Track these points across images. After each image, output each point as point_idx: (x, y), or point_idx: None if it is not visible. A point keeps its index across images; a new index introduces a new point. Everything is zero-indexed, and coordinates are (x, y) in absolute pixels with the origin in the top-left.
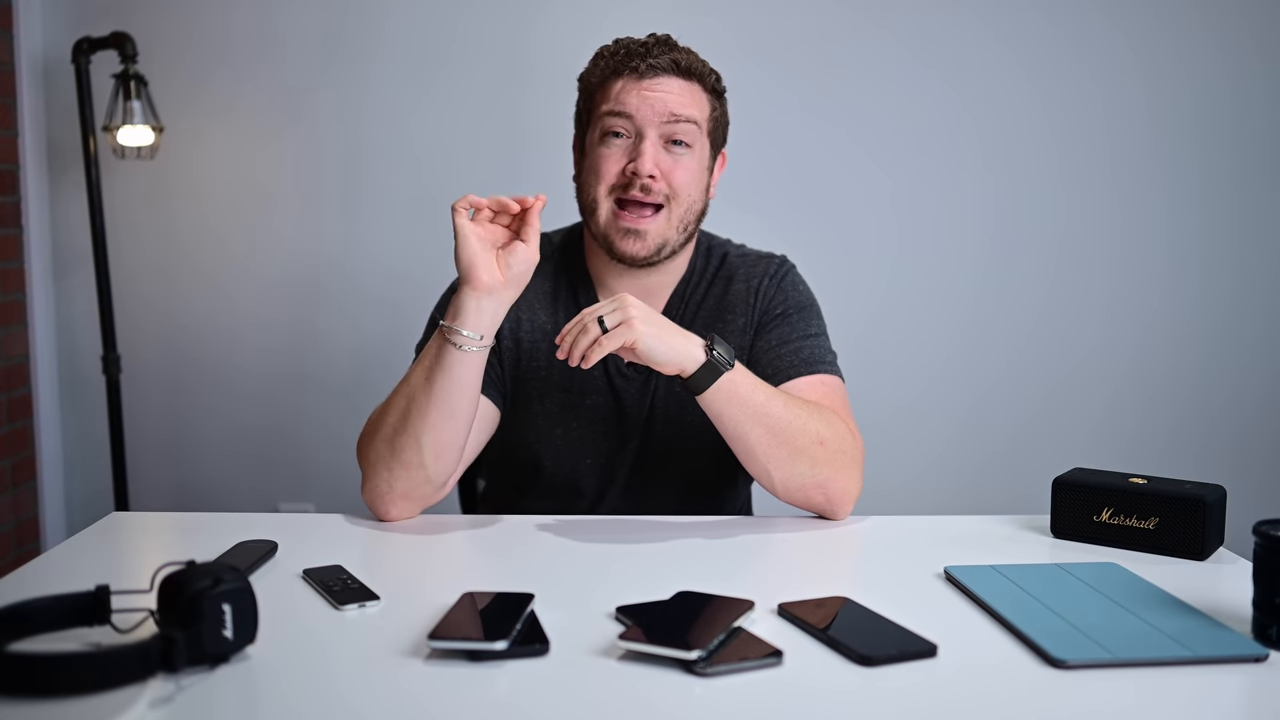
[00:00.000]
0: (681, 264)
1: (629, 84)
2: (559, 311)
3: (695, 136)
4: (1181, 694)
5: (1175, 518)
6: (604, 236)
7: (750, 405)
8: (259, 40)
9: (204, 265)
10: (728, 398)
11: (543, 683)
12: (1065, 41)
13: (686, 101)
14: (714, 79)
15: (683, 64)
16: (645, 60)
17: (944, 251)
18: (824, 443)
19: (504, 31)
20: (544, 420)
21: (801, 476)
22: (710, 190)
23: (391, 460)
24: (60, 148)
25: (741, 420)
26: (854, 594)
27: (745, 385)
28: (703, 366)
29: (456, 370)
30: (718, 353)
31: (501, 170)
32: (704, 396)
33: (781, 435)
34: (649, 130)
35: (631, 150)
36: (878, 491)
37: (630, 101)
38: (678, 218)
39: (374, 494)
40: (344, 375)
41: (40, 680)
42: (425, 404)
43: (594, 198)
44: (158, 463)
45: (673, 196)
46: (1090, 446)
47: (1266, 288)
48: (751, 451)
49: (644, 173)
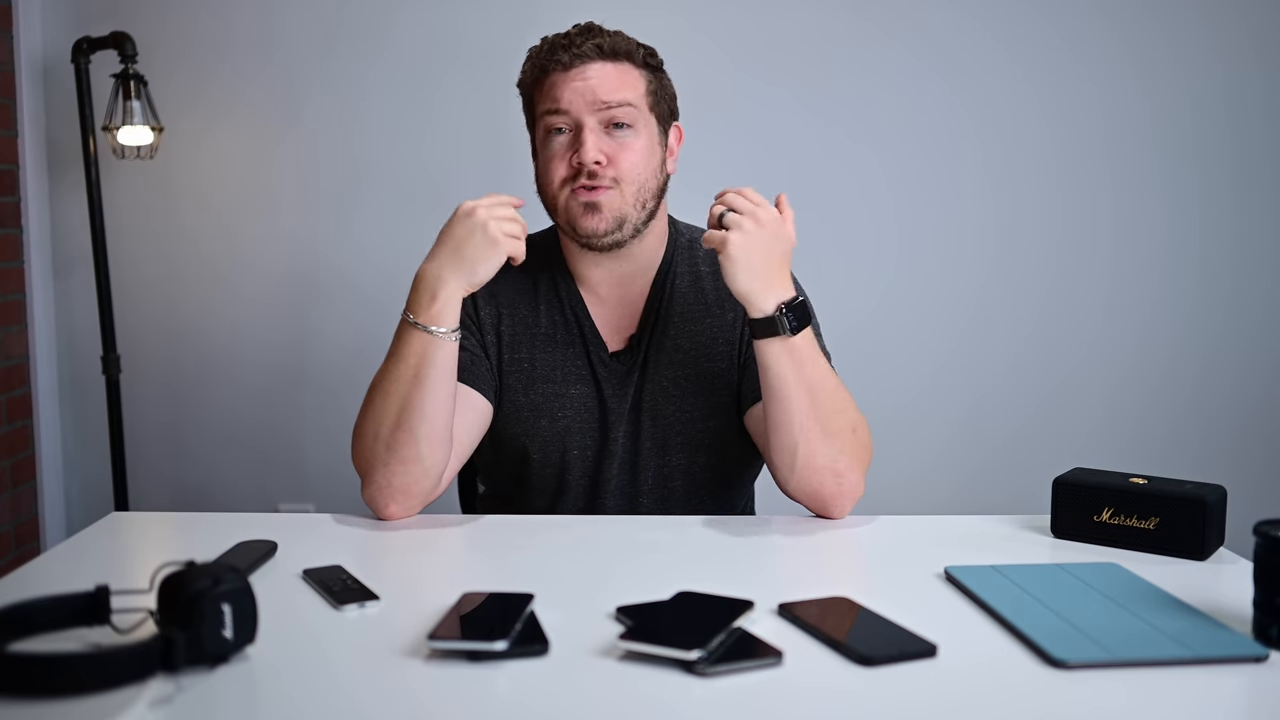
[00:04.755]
0: (654, 253)
1: (558, 78)
2: (540, 305)
3: (635, 116)
4: (1181, 694)
5: (1175, 518)
6: (568, 223)
7: (801, 371)
8: (259, 40)
9: (204, 265)
10: (779, 357)
11: (543, 683)
12: (1063, 41)
13: (616, 84)
14: (644, 54)
15: (606, 47)
16: (569, 51)
17: (943, 251)
18: (856, 431)
19: (504, 32)
20: (529, 412)
21: (825, 458)
22: (669, 165)
23: (389, 458)
24: (60, 148)
25: (787, 381)
26: (854, 594)
27: (803, 351)
28: (766, 318)
29: (442, 358)
30: (788, 316)
31: (501, 170)
32: (761, 344)
33: (821, 410)
34: (586, 119)
35: (574, 142)
36: (878, 491)
37: (562, 95)
38: (632, 195)
39: (374, 493)
40: (343, 375)
41: (40, 680)
42: (420, 398)
43: (551, 194)
44: (157, 463)
45: (621, 179)
46: (1090, 446)
47: (1264, 286)
48: (789, 418)
49: (588, 161)
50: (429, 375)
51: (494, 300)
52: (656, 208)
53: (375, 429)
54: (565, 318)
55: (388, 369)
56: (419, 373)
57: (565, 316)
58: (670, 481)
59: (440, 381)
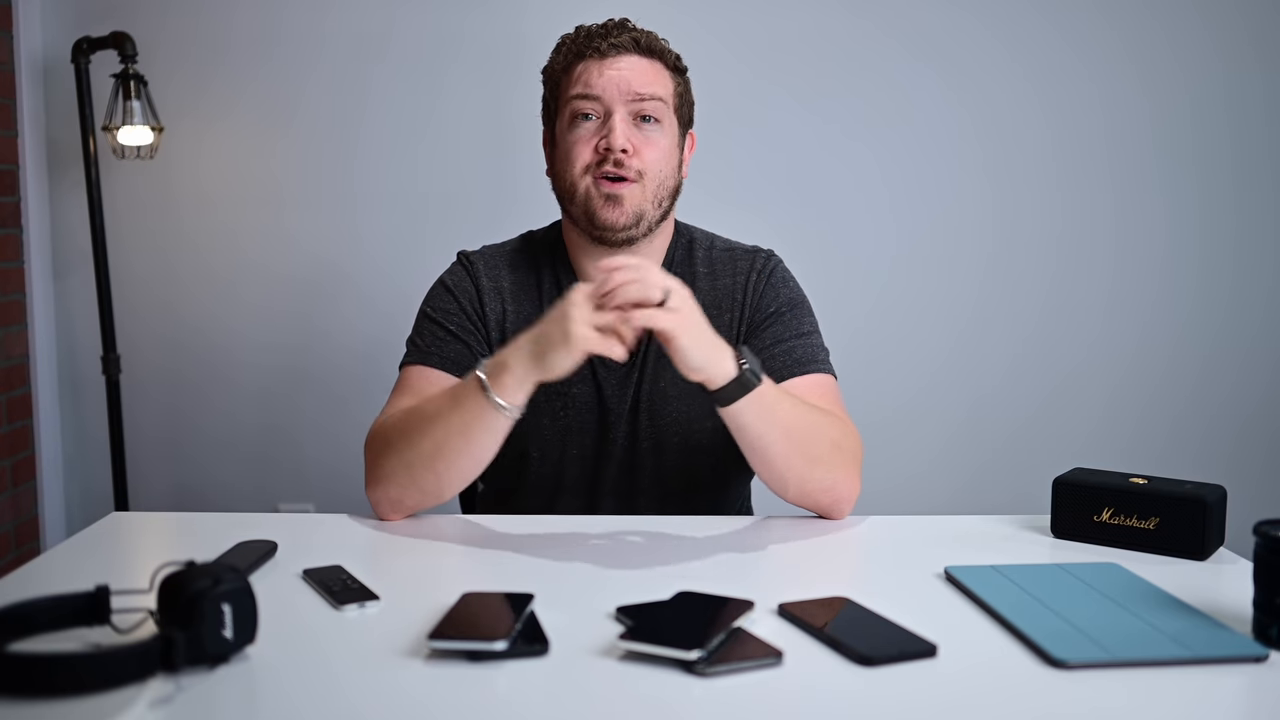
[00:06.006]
0: (658, 254)
1: (592, 65)
2: (543, 302)
3: (663, 113)
4: (1181, 694)
5: (1175, 518)
6: (585, 212)
7: (774, 418)
8: (259, 40)
9: (204, 265)
10: (754, 412)
11: (543, 683)
12: (1062, 41)
13: (650, 78)
14: (674, 57)
15: (643, 42)
16: (606, 40)
17: (942, 251)
18: (839, 446)
19: (505, 31)
20: (530, 411)
21: (816, 482)
22: (682, 170)
23: (407, 483)
24: (60, 148)
25: (764, 433)
26: (854, 594)
27: (770, 397)
28: (733, 381)
29: (495, 427)
30: (749, 368)
31: (502, 170)
32: (729, 410)
33: (801, 444)
34: (617, 107)
35: (601, 129)
36: (878, 491)
37: (595, 82)
38: (652, 191)
39: (380, 499)
40: (344, 375)
41: (40, 680)
42: (456, 450)
43: (571, 181)
44: (158, 463)
45: (645, 172)
46: (1090, 446)
47: (1265, 286)
48: (770, 461)
49: (616, 147)
50: (475, 437)
51: (499, 296)
52: (670, 209)
53: (403, 453)
54: None
55: (441, 408)
56: (467, 430)
57: None
58: (668, 482)
59: (483, 446)
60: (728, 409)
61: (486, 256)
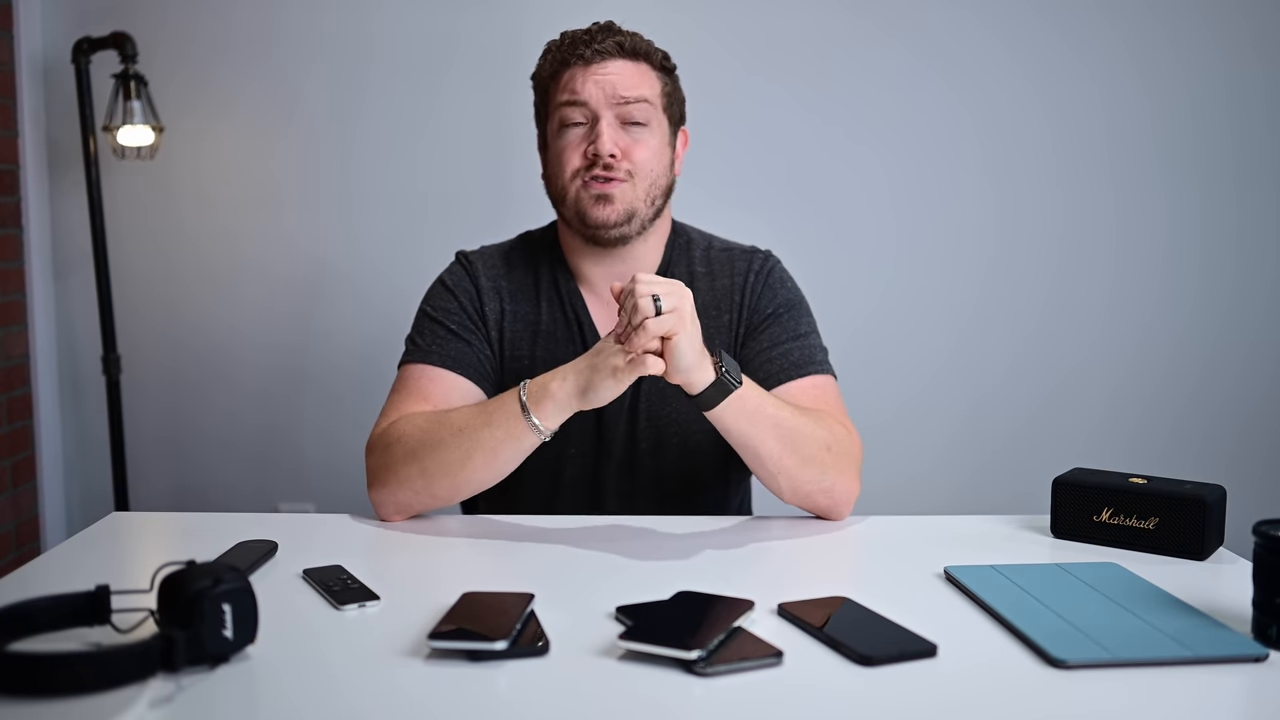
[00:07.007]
0: (654, 254)
1: (578, 71)
2: (541, 302)
3: (650, 114)
4: (1181, 694)
5: (1175, 518)
6: (576, 213)
7: (758, 420)
8: (259, 40)
9: (204, 265)
10: (735, 414)
11: (543, 683)
12: (1063, 40)
13: (635, 81)
14: (660, 57)
15: (627, 45)
16: (591, 46)
17: (943, 251)
18: (830, 449)
19: (504, 32)
20: None
21: (810, 483)
22: (675, 167)
23: (422, 488)
24: (60, 148)
25: (750, 434)
26: (854, 594)
27: (753, 400)
28: (711, 385)
29: (524, 445)
30: (727, 371)
31: (500, 170)
32: (713, 413)
33: (790, 445)
34: (604, 112)
35: (590, 134)
36: (878, 491)
37: (581, 88)
38: (643, 189)
39: (385, 502)
40: (344, 375)
41: (40, 680)
42: (483, 466)
43: (562, 185)
44: (158, 463)
45: (635, 172)
46: (1090, 446)
47: (1266, 286)
48: (761, 462)
49: (604, 153)
50: (504, 453)
51: (499, 295)
52: (663, 207)
53: (423, 460)
54: (565, 315)
55: (471, 421)
56: (498, 446)
57: (565, 314)
58: (667, 482)
59: (509, 462)
60: (712, 413)
61: (485, 256)
